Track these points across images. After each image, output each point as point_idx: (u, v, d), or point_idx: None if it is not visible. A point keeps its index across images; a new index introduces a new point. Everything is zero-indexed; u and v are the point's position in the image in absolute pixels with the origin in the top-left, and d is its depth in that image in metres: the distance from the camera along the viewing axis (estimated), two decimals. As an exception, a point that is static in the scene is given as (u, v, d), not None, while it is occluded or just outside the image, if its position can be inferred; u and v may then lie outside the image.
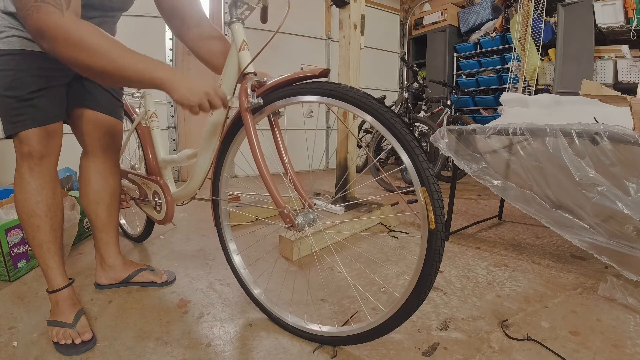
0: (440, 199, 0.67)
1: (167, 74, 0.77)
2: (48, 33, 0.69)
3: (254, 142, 0.85)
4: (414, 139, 0.68)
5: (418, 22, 4.60)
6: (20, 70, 0.86)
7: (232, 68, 0.93)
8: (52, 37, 0.69)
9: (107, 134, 1.12)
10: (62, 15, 0.70)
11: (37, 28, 0.69)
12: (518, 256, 1.50)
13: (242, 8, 0.90)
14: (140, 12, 1.51)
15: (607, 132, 1.06)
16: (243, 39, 0.90)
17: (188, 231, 1.83)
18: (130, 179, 1.44)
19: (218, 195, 1.04)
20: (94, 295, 1.15)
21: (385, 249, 1.60)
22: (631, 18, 2.81)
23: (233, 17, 0.91)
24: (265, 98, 0.85)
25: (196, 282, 1.26)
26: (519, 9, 3.42)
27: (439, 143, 1.55)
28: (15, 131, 0.88)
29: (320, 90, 0.76)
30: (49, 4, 0.69)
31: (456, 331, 0.97)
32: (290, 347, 0.90)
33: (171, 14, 1.08)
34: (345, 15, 1.90)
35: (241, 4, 0.89)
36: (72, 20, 0.71)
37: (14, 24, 0.85)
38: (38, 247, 0.95)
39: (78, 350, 0.87)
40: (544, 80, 3.46)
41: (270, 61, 2.83)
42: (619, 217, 1.09)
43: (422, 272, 0.69)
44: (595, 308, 1.08)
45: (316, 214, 0.88)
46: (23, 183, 0.91)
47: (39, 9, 0.68)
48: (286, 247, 1.49)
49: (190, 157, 1.18)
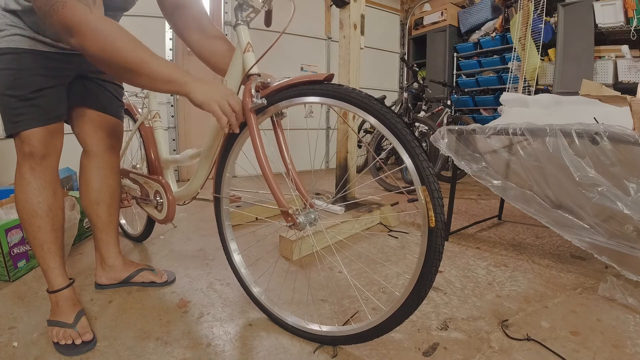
0: (440, 198, 0.68)
1: (187, 77, 0.78)
2: (76, 29, 0.69)
3: (257, 142, 0.86)
4: (414, 139, 0.69)
5: (418, 22, 4.60)
6: (22, 69, 0.85)
7: (236, 69, 0.94)
8: (81, 33, 0.69)
9: (107, 133, 1.12)
10: (89, 12, 0.70)
11: (64, 24, 0.69)
12: (518, 256, 1.50)
13: (248, 11, 0.91)
14: (140, 12, 1.52)
15: (607, 132, 1.06)
16: (248, 41, 0.91)
17: (188, 231, 1.83)
18: (132, 178, 1.44)
19: (220, 194, 1.05)
20: (94, 295, 1.15)
21: (386, 248, 1.60)
22: (631, 18, 2.81)
23: (238, 19, 0.92)
24: (269, 99, 0.86)
25: (196, 282, 1.26)
26: (519, 9, 3.42)
27: (439, 143, 1.55)
28: (16, 131, 0.88)
29: (323, 92, 0.77)
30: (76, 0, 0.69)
31: (456, 331, 0.97)
32: (290, 347, 0.90)
33: (174, 13, 1.07)
34: (345, 15, 1.90)
35: (247, 7, 0.90)
36: (99, 17, 0.72)
37: (16, 22, 0.84)
38: (39, 248, 0.94)
39: (78, 351, 0.86)
40: (544, 80, 3.46)
41: (271, 61, 2.82)
42: (619, 217, 1.09)
43: (422, 271, 0.70)
44: (595, 308, 1.08)
45: (317, 214, 0.88)
46: (24, 183, 0.91)
47: (64, 4, 0.68)
48: (286, 247, 1.49)
49: (193, 157, 1.18)
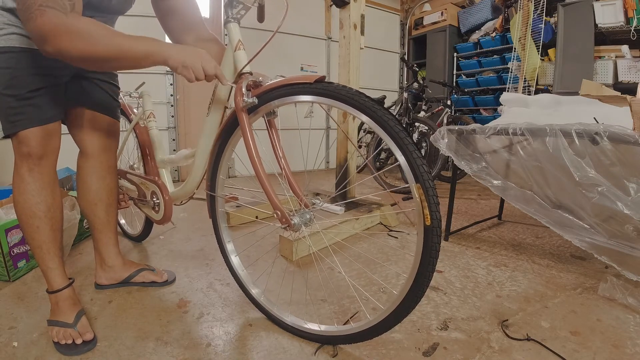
0: (435, 195, 0.68)
1: (162, 46, 0.80)
2: (51, 33, 0.69)
3: (250, 142, 0.86)
4: (407, 136, 0.68)
5: (418, 22, 4.60)
6: (19, 68, 0.85)
7: (227, 68, 0.94)
8: (55, 35, 0.70)
9: (104, 133, 1.11)
10: (64, 16, 0.70)
11: (40, 31, 0.70)
12: (518, 256, 1.50)
13: (238, 8, 0.91)
14: (139, 12, 1.51)
15: (607, 132, 1.06)
16: (239, 38, 0.91)
17: (188, 231, 1.83)
18: (128, 179, 1.44)
19: (215, 194, 1.04)
20: (94, 295, 1.15)
21: (385, 248, 1.60)
22: (631, 18, 2.81)
23: (229, 16, 0.91)
24: (261, 98, 0.86)
25: (196, 282, 1.26)
26: (519, 9, 3.42)
27: (439, 143, 1.55)
28: (14, 131, 0.87)
29: (314, 90, 0.77)
30: (54, 9, 0.69)
31: (456, 331, 0.97)
32: (290, 347, 0.90)
33: (168, 16, 1.07)
34: (345, 15, 1.90)
35: (237, 4, 0.90)
36: (73, 17, 0.72)
37: (14, 20, 0.84)
38: (38, 248, 0.94)
39: (79, 351, 0.86)
40: (544, 80, 3.46)
41: (270, 61, 2.83)
42: (619, 217, 1.09)
43: (419, 269, 0.70)
44: (595, 308, 1.08)
45: (313, 214, 0.88)
46: (22, 184, 0.91)
47: (43, 13, 0.68)
48: (286, 246, 1.49)
49: (187, 157, 1.18)
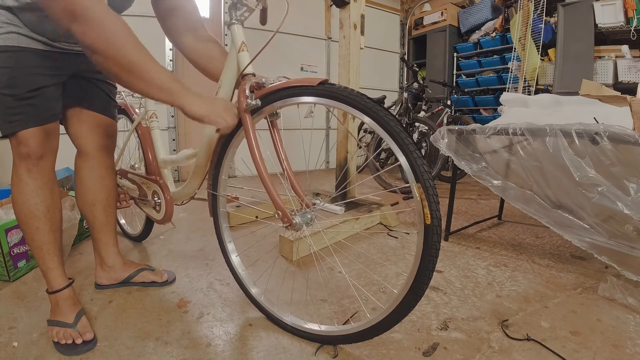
0: (435, 195, 0.68)
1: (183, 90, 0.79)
2: (81, 14, 0.67)
3: (253, 143, 0.86)
4: (407, 137, 0.69)
5: (418, 22, 4.60)
6: (18, 68, 0.84)
7: (231, 69, 0.94)
8: (86, 20, 0.67)
9: (102, 133, 1.11)
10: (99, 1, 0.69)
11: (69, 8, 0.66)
12: (518, 256, 1.50)
13: (242, 10, 0.90)
14: (139, 12, 1.51)
15: (607, 132, 1.06)
16: (242, 40, 0.91)
17: (188, 231, 1.83)
18: (130, 178, 1.44)
19: (217, 195, 1.04)
20: (94, 295, 1.15)
21: (385, 248, 1.60)
22: (631, 18, 2.81)
23: (232, 18, 0.91)
24: (264, 100, 0.86)
25: (196, 282, 1.26)
26: (519, 9, 3.42)
27: (439, 143, 1.55)
28: (13, 131, 0.87)
29: (316, 92, 0.78)
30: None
31: (456, 331, 0.97)
32: (290, 347, 0.90)
33: (168, 16, 1.06)
34: (345, 15, 1.89)
35: (241, 6, 0.90)
36: (105, 8, 0.70)
37: (12, 19, 0.83)
38: (37, 249, 0.94)
39: (79, 350, 0.86)
40: (544, 80, 3.46)
41: (271, 61, 2.82)
42: (619, 217, 1.09)
43: (419, 268, 0.70)
44: (595, 308, 1.08)
45: (314, 214, 0.88)
46: (21, 184, 0.90)
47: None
48: (286, 246, 1.49)
49: (189, 157, 1.18)
